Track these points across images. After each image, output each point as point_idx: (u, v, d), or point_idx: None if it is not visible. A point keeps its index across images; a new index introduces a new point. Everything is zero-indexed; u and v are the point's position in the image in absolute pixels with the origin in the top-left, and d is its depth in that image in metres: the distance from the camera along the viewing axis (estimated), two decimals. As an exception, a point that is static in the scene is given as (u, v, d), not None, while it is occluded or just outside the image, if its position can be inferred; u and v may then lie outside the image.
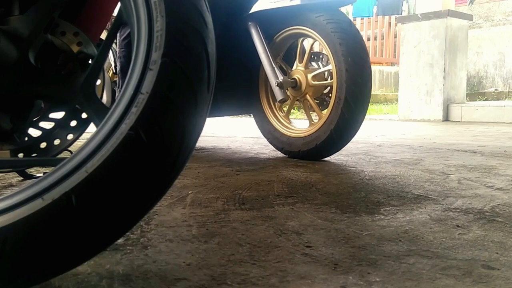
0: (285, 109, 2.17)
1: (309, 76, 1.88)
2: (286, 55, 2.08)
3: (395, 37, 8.62)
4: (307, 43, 1.96)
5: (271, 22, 1.95)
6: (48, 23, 0.83)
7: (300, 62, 1.92)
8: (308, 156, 1.87)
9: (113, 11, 1.14)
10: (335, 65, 1.71)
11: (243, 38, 1.92)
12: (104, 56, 0.79)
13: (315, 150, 1.82)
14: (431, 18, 4.69)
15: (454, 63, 4.72)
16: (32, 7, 0.74)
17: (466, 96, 5.13)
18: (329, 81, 1.89)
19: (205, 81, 0.60)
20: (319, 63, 2.01)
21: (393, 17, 8.40)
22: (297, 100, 2.00)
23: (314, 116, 1.99)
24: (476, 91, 7.98)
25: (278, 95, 1.78)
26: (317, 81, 1.90)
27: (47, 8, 0.74)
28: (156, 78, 0.55)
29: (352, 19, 8.32)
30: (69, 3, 1.01)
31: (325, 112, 1.81)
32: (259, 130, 2.16)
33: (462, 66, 4.84)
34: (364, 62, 1.69)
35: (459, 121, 4.54)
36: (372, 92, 7.94)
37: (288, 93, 1.92)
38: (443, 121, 4.60)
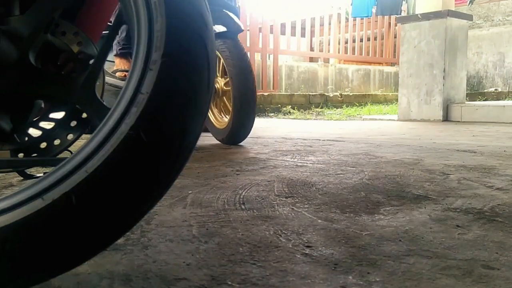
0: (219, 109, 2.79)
1: (223, 84, 2.59)
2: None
3: (395, 37, 8.63)
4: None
5: None
6: (48, 23, 0.83)
7: (220, 75, 2.62)
8: (228, 142, 2.51)
9: (113, 11, 1.14)
10: (229, 73, 2.38)
11: None
12: (104, 56, 0.79)
13: (229, 137, 2.47)
14: (431, 18, 4.69)
15: (454, 63, 4.72)
16: (32, 7, 0.74)
17: (466, 96, 5.12)
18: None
19: (205, 81, 0.60)
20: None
21: (393, 17, 8.40)
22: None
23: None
24: (476, 91, 7.99)
25: None
26: (227, 87, 2.57)
27: (47, 8, 0.74)
28: (156, 78, 0.55)
29: (352, 19, 8.35)
30: (69, 3, 1.01)
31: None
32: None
33: (462, 66, 4.84)
34: (246, 72, 2.36)
35: (459, 121, 4.54)
36: (372, 92, 8.01)
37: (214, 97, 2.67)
38: (443, 121, 4.60)
